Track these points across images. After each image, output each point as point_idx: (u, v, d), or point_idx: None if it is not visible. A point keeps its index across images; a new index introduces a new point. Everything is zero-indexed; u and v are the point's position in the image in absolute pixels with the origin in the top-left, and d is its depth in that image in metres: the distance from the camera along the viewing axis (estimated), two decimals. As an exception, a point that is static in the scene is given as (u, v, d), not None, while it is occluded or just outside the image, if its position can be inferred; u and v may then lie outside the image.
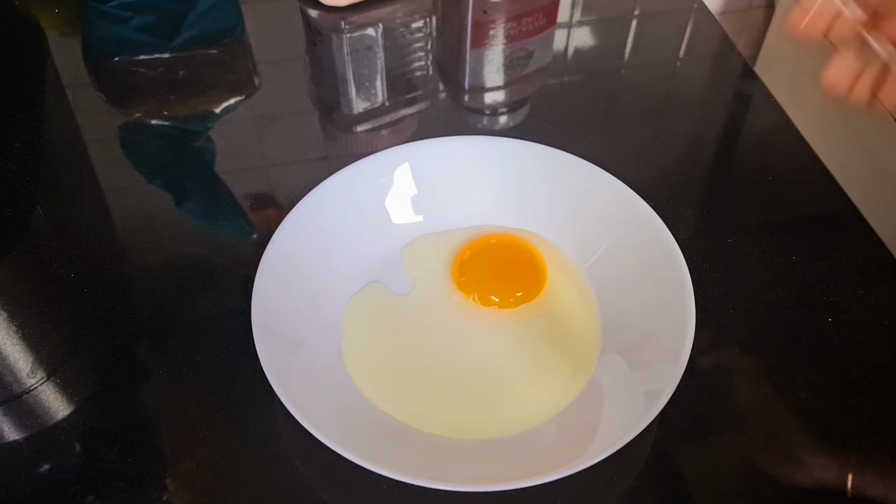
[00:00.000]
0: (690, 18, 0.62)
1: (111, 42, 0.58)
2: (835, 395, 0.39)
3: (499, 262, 0.43)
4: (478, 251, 0.43)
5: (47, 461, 0.36)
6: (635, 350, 0.38)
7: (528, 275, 0.42)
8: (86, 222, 0.48)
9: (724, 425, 0.38)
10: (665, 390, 0.34)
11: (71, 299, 0.43)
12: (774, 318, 0.42)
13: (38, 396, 0.39)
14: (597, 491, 0.35)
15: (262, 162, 0.51)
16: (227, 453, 0.36)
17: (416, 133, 0.53)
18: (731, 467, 0.37)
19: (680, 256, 0.39)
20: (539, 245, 0.44)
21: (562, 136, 0.49)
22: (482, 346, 0.40)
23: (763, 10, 1.19)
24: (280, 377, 0.34)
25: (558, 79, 0.58)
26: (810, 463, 0.36)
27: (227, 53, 0.58)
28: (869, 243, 0.45)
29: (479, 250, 0.43)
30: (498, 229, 0.45)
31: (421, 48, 0.58)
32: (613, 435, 0.33)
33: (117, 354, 0.40)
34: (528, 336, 0.40)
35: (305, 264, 0.41)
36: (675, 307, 0.37)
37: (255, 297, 0.37)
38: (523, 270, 0.43)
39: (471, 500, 0.34)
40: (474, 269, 0.43)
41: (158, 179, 0.50)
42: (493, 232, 0.45)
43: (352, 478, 0.35)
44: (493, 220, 0.45)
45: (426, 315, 0.42)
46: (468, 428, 0.37)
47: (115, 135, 0.53)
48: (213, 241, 0.47)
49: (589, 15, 0.63)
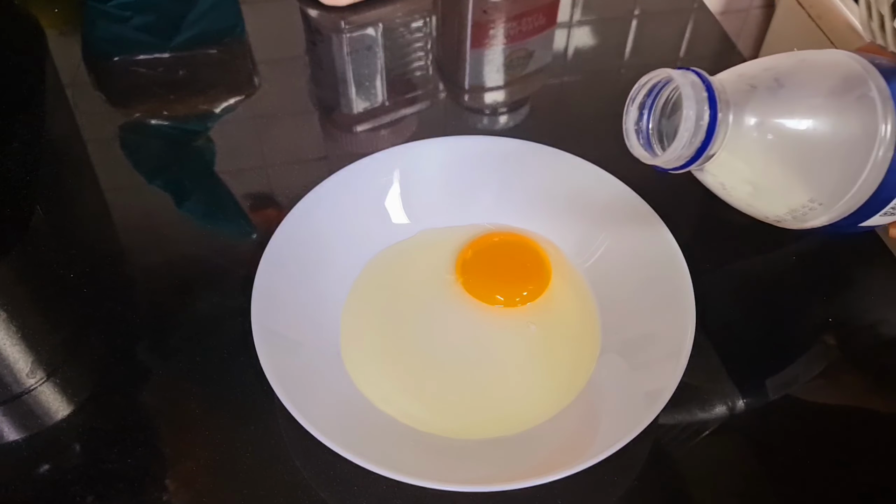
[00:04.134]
0: (690, 18, 0.62)
1: (111, 42, 0.58)
2: (835, 395, 0.39)
3: (502, 261, 0.43)
4: (480, 250, 0.43)
5: (47, 461, 0.36)
6: (635, 350, 0.38)
7: (533, 273, 0.42)
8: (86, 222, 0.48)
9: (724, 425, 0.38)
10: (665, 390, 0.34)
11: (71, 299, 0.43)
12: (774, 319, 0.42)
13: (38, 396, 0.39)
14: (597, 491, 0.35)
15: (261, 162, 0.51)
16: (227, 453, 0.36)
17: (416, 133, 0.53)
18: (731, 467, 0.37)
19: (680, 256, 0.39)
20: (539, 244, 0.44)
21: (562, 136, 0.49)
22: (482, 345, 0.40)
23: (763, 10, 1.19)
24: (280, 377, 0.34)
25: (558, 79, 0.58)
26: (810, 462, 0.36)
27: (227, 53, 0.58)
28: (869, 243, 0.45)
29: (481, 249, 0.43)
30: (499, 228, 0.45)
31: (421, 48, 0.58)
32: (613, 435, 0.33)
33: (117, 354, 0.40)
34: (528, 336, 0.40)
35: (305, 264, 0.41)
36: (675, 307, 0.37)
37: (255, 297, 0.37)
38: (528, 269, 0.43)
39: (471, 500, 0.34)
40: (478, 268, 0.43)
41: (158, 179, 0.50)
42: (494, 231, 0.45)
43: (352, 478, 0.35)
44: (494, 220, 0.45)
45: (426, 315, 0.42)
46: (468, 428, 0.37)
47: (115, 135, 0.53)
48: (213, 241, 0.47)
49: (589, 15, 0.63)
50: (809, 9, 0.84)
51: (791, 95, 0.32)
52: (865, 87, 0.32)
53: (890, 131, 0.31)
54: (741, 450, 0.37)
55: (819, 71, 0.33)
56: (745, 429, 0.38)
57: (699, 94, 0.31)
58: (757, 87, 0.33)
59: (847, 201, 0.33)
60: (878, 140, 0.31)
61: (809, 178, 0.33)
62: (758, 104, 0.32)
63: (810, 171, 0.33)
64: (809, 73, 0.33)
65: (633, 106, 0.35)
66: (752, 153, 0.33)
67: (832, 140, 0.32)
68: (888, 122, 0.31)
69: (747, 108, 0.32)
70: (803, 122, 0.32)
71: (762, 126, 0.32)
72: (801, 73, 0.33)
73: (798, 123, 0.32)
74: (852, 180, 0.32)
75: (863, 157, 0.32)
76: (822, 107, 0.32)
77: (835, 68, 0.33)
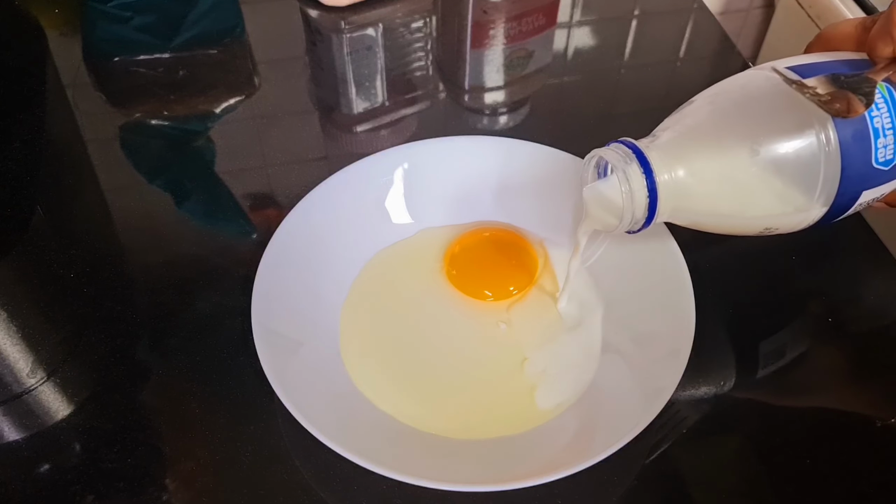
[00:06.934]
0: (690, 18, 0.62)
1: (111, 42, 0.58)
2: (835, 395, 0.39)
3: (490, 255, 0.43)
4: (468, 245, 0.43)
5: (47, 461, 0.36)
6: (635, 350, 0.38)
7: (520, 266, 0.42)
8: (86, 222, 0.48)
9: (724, 425, 0.38)
10: (665, 390, 0.34)
11: (71, 299, 0.43)
12: (774, 319, 0.42)
13: (38, 396, 0.39)
14: (597, 491, 0.35)
15: (261, 162, 0.51)
16: (227, 453, 0.36)
17: (416, 133, 0.53)
18: (731, 467, 0.37)
19: (680, 256, 0.39)
20: (539, 244, 0.44)
21: (562, 136, 0.49)
22: (482, 345, 0.40)
23: (763, 10, 1.19)
24: (280, 377, 0.34)
25: (558, 79, 0.58)
26: (811, 462, 0.36)
27: (227, 53, 0.58)
28: (869, 243, 0.45)
29: (468, 244, 0.44)
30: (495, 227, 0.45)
31: (421, 48, 0.58)
32: (613, 435, 0.33)
33: (117, 354, 0.40)
34: (528, 336, 0.40)
35: (305, 264, 0.41)
36: (675, 307, 0.37)
37: (255, 297, 0.37)
38: (514, 262, 0.43)
39: (471, 500, 0.34)
40: (465, 262, 0.43)
41: (158, 179, 0.50)
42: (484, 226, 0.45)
43: (352, 478, 0.35)
44: (494, 220, 0.45)
45: (426, 315, 0.42)
46: (468, 428, 0.37)
47: (115, 135, 0.53)
48: (213, 241, 0.47)
49: (589, 15, 0.63)
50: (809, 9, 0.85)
51: (730, 145, 0.33)
52: (806, 125, 0.32)
53: (833, 171, 0.32)
54: (741, 450, 0.37)
55: (754, 110, 0.34)
56: (745, 429, 0.38)
57: (629, 159, 0.33)
58: (697, 141, 0.34)
59: (802, 221, 0.34)
60: (819, 175, 0.32)
61: (760, 213, 0.34)
62: (683, 152, 0.33)
63: (760, 207, 0.34)
64: (745, 117, 0.34)
65: (588, 187, 0.37)
66: (704, 195, 0.34)
67: (777, 177, 0.33)
68: (830, 157, 0.32)
69: (688, 162, 0.33)
70: (738, 153, 0.33)
71: (701, 171, 0.33)
72: (736, 116, 0.34)
73: (734, 156, 0.33)
74: (802, 208, 0.33)
75: (810, 186, 0.33)
76: (763, 149, 0.33)
77: (772, 106, 0.33)
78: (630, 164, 0.33)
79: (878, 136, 0.32)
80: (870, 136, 0.32)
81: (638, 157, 0.33)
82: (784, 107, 0.33)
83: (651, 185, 0.33)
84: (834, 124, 0.32)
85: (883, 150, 0.33)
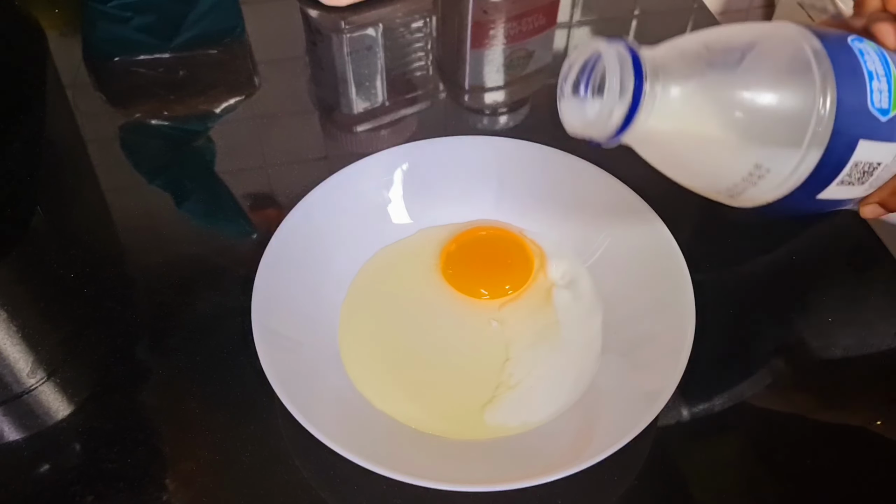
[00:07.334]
0: (690, 18, 0.62)
1: (111, 42, 0.58)
2: (835, 395, 0.39)
3: (486, 254, 0.43)
4: (464, 244, 0.44)
5: (47, 461, 0.36)
6: (635, 350, 0.38)
7: (516, 265, 0.42)
8: (86, 222, 0.48)
9: (724, 425, 0.38)
10: (665, 390, 0.34)
11: (71, 299, 0.43)
12: (775, 319, 0.42)
13: (38, 396, 0.39)
14: (597, 491, 0.35)
15: (261, 162, 0.51)
16: (227, 453, 0.36)
17: (416, 133, 0.53)
18: (731, 467, 0.37)
19: (680, 256, 0.39)
20: (539, 244, 0.44)
21: (562, 136, 0.49)
22: (482, 346, 0.40)
23: (763, 10, 1.19)
24: (280, 377, 0.34)
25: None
26: (811, 462, 0.36)
27: (227, 53, 0.58)
28: (869, 243, 0.45)
29: (465, 243, 0.44)
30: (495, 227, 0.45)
31: (421, 48, 0.58)
32: (613, 435, 0.33)
33: (117, 354, 0.40)
34: (528, 336, 0.40)
35: (305, 264, 0.41)
36: (675, 307, 0.37)
37: (255, 297, 0.37)
38: (510, 260, 0.43)
39: (471, 500, 0.34)
40: (461, 261, 0.43)
41: (158, 179, 0.50)
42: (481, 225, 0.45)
43: (352, 478, 0.35)
44: (494, 220, 0.45)
45: (425, 315, 0.42)
46: (468, 428, 0.37)
47: (115, 135, 0.53)
48: (213, 241, 0.47)
49: (589, 15, 0.63)
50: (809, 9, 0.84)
51: (725, 62, 0.32)
52: (798, 47, 0.32)
53: (829, 98, 0.31)
54: (741, 450, 0.37)
55: (749, 34, 0.33)
56: (745, 429, 0.38)
57: (624, 60, 0.32)
58: (689, 57, 0.33)
59: (796, 166, 0.32)
60: (815, 101, 0.31)
61: (752, 140, 0.33)
62: (691, 73, 0.32)
63: (752, 134, 0.32)
64: (740, 37, 0.33)
65: (567, 83, 0.36)
66: (690, 121, 0.33)
67: (771, 101, 0.32)
68: (826, 79, 0.31)
69: (679, 77, 0.32)
70: (738, 86, 0.32)
71: (696, 94, 0.32)
72: (733, 38, 0.33)
73: (733, 88, 0.32)
74: (797, 141, 0.32)
75: (805, 116, 0.31)
76: (757, 69, 0.32)
77: (768, 32, 0.33)
78: (622, 59, 0.32)
79: (872, 78, 0.32)
80: (863, 72, 0.32)
81: (632, 56, 0.32)
82: (781, 34, 0.33)
83: (639, 84, 0.32)
84: (823, 45, 0.31)
85: (878, 95, 0.32)
